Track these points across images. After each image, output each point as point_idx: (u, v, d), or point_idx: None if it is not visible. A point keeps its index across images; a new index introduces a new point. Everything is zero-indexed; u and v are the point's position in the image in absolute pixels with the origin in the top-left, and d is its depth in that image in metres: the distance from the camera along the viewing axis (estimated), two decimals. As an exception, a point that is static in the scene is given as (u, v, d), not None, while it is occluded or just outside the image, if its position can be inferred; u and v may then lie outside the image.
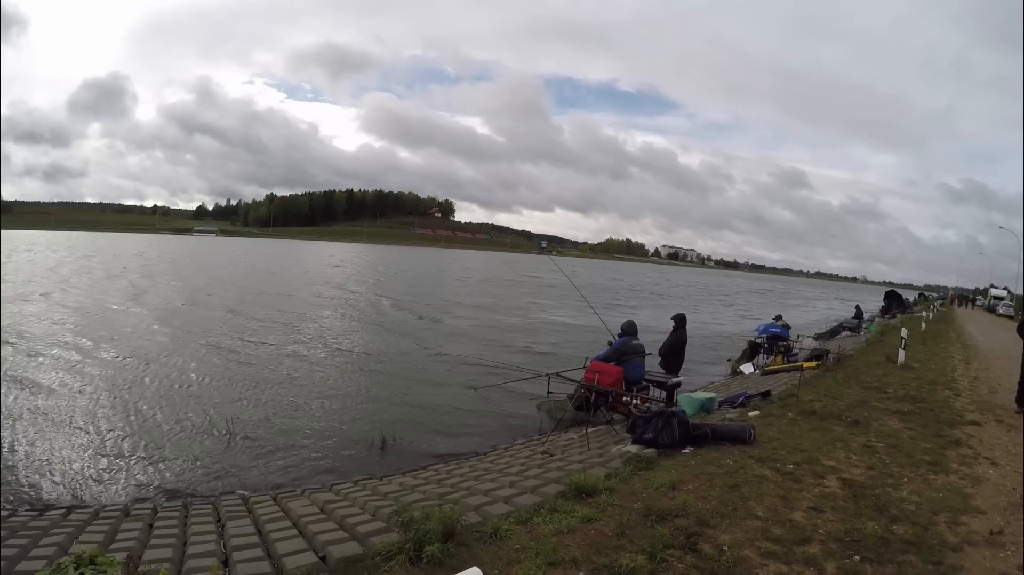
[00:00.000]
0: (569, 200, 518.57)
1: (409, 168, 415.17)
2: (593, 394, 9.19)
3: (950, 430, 7.21)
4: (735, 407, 8.86)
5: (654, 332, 14.28)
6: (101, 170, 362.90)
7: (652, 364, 11.05)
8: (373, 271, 58.96)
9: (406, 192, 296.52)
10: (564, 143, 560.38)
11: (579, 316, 26.97)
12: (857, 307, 33.91)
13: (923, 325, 24.50)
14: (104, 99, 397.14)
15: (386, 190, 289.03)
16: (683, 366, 11.54)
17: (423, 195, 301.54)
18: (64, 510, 6.15)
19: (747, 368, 15.76)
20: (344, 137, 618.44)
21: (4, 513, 6.03)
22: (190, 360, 14.12)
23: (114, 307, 22.91)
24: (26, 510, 6.26)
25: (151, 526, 5.31)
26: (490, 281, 56.68)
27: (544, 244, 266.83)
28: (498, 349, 18.19)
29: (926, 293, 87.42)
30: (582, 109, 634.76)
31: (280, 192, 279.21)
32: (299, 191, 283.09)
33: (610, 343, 10.40)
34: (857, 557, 3.69)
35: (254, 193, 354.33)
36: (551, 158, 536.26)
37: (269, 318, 22.08)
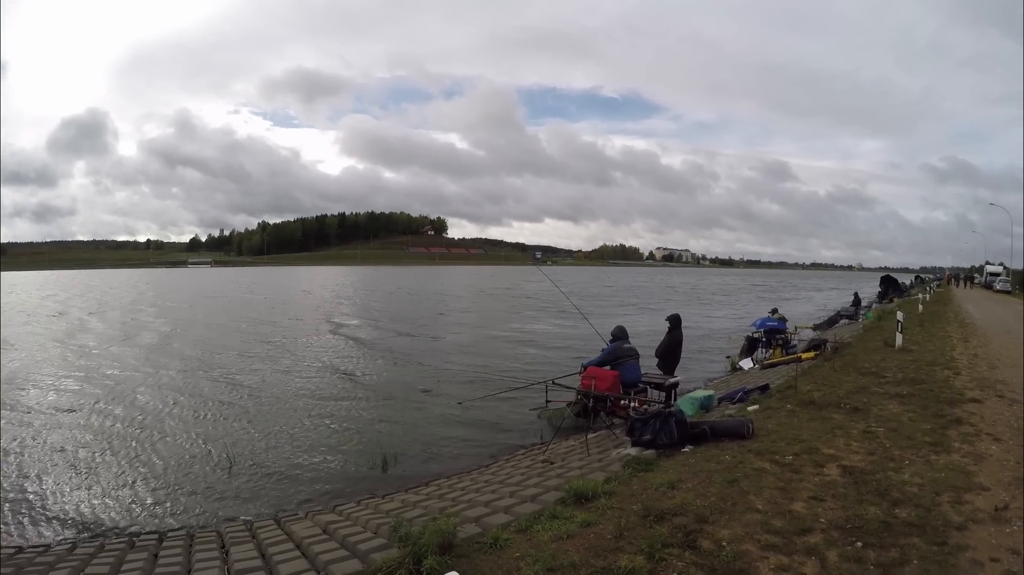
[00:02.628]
0: (558, 209, 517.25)
1: (395, 188, 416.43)
2: (591, 400, 9.19)
3: (950, 409, 7.16)
4: (734, 403, 8.84)
5: (651, 335, 14.31)
6: (89, 207, 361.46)
7: (650, 366, 11.06)
8: (366, 293, 58.90)
9: (398, 212, 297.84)
10: (549, 153, 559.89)
11: (573, 324, 27.05)
12: (855, 295, 33.94)
13: (920, 307, 24.49)
14: (84, 137, 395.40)
15: (375, 212, 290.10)
16: (680, 365, 11.52)
17: (414, 214, 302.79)
18: (70, 545, 6.13)
19: (746, 363, 15.76)
20: (328, 161, 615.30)
21: (10, 550, 6.02)
22: (190, 390, 14.09)
23: (115, 341, 22.84)
24: (32, 546, 6.25)
25: (156, 556, 5.31)
26: (483, 296, 56.67)
27: (538, 255, 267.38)
28: (494, 361, 18.19)
29: (922, 275, 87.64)
30: (566, 119, 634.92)
31: (270, 219, 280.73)
32: (289, 217, 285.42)
33: (603, 350, 10.43)
34: (859, 543, 3.67)
35: (243, 222, 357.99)
36: (535, 169, 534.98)
37: (265, 345, 22.04)
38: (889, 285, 42.07)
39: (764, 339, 17.24)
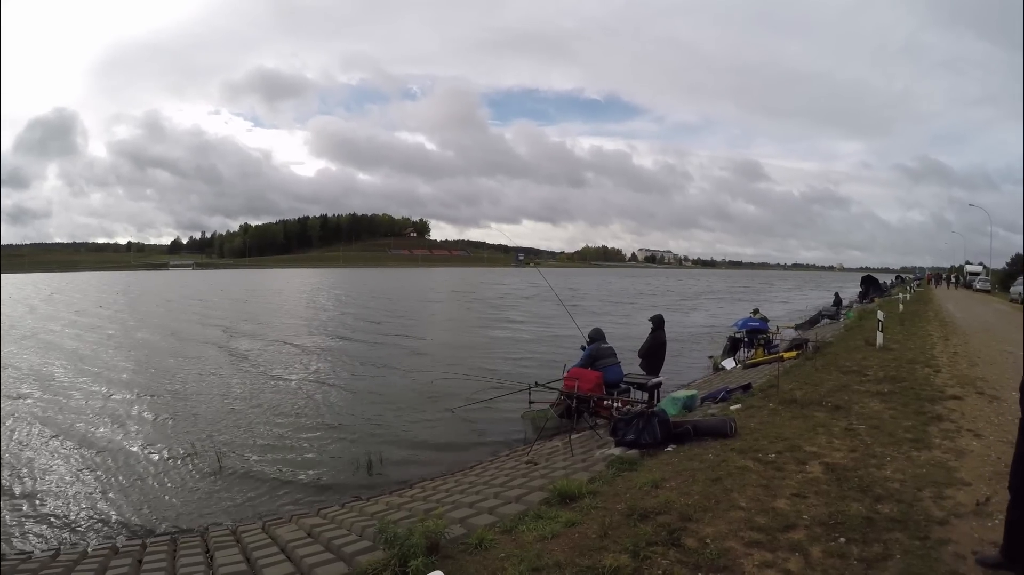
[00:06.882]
0: (535, 211, 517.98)
1: (370, 190, 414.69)
2: (574, 401, 9.20)
3: (931, 406, 7.26)
4: (717, 402, 8.87)
5: (633, 339, 14.37)
6: (65, 209, 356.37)
7: (633, 366, 11.09)
8: (349, 296, 58.64)
9: (380, 214, 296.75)
10: (525, 156, 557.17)
11: (552, 326, 27.12)
12: (836, 294, 34.29)
13: (900, 307, 24.76)
14: (52, 138, 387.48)
15: (357, 214, 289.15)
16: (664, 366, 11.57)
17: (395, 216, 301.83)
18: (53, 552, 6.05)
19: (728, 363, 15.83)
20: (305, 163, 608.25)
21: None
22: (173, 395, 13.94)
23: (100, 344, 22.57)
24: (14, 554, 6.17)
25: (140, 562, 5.26)
26: (463, 299, 56.64)
27: (521, 257, 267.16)
28: (477, 364, 18.04)
29: (903, 275, 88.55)
30: (546, 120, 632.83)
31: (248, 221, 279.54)
32: (267, 219, 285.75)
33: (583, 348, 10.50)
34: (843, 539, 3.70)
35: (221, 224, 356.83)
36: (511, 171, 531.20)
37: (249, 348, 21.88)
38: (870, 285, 42.47)
39: (746, 339, 17.34)
